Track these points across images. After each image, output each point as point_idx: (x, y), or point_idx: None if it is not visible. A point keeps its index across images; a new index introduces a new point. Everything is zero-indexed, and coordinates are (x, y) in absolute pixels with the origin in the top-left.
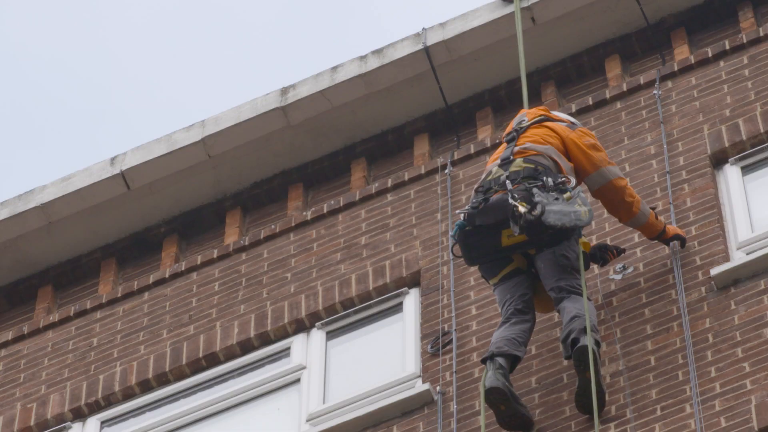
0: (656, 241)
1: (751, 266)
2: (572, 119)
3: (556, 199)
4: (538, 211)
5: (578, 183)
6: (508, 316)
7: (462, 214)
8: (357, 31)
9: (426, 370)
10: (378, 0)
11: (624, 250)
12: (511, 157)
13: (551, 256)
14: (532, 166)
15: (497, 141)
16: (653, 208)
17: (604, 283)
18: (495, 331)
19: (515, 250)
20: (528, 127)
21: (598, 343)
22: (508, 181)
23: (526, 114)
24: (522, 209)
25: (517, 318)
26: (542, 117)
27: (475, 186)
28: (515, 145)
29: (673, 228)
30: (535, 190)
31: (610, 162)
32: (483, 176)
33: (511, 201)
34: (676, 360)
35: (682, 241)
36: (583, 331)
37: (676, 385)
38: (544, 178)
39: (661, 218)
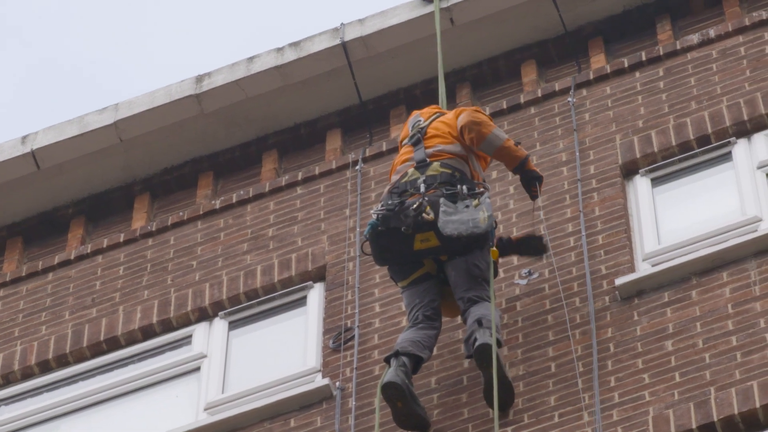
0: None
1: (656, 278)
2: None
3: (467, 206)
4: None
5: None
6: (416, 322)
7: (376, 215)
8: (275, 23)
9: (326, 365)
10: None
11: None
12: (428, 160)
13: (463, 265)
14: (449, 171)
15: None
16: (518, 143)
17: (509, 287)
18: (406, 329)
19: (427, 255)
20: (428, 126)
21: (500, 343)
22: (422, 185)
23: (420, 114)
24: (425, 216)
25: (424, 324)
26: (437, 113)
27: (389, 187)
28: (425, 147)
29: (533, 164)
30: (442, 200)
31: (475, 109)
32: (397, 178)
33: (414, 208)
34: (577, 368)
35: (537, 179)
36: (480, 323)
37: (575, 393)
38: (459, 185)
39: (522, 148)
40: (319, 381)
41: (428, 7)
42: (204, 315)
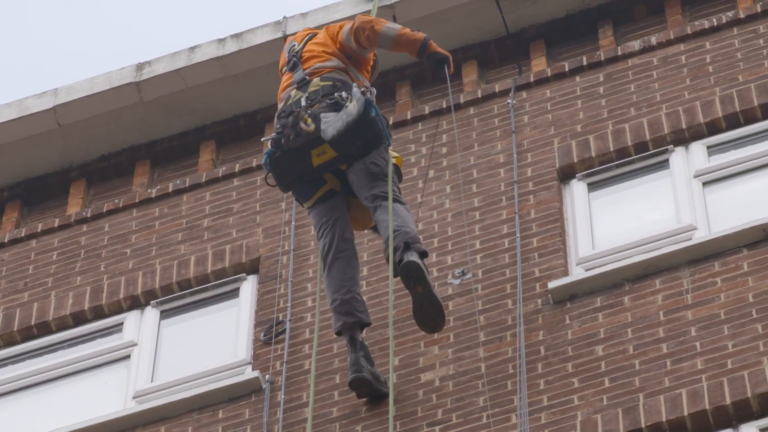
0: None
1: (589, 282)
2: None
3: (345, 107)
4: (310, 129)
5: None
6: (338, 251)
7: (269, 142)
8: (217, 13)
9: (257, 357)
10: None
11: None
12: (307, 78)
13: (362, 167)
14: (330, 83)
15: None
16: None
17: (442, 287)
18: (328, 272)
19: (327, 168)
20: (302, 48)
21: (424, 253)
22: (303, 101)
23: (294, 39)
24: (304, 126)
25: (346, 250)
26: (310, 34)
27: (277, 112)
28: (303, 69)
29: (436, 45)
30: (322, 114)
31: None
32: (281, 104)
33: (302, 125)
34: (507, 369)
35: (444, 60)
36: (408, 246)
37: (504, 395)
38: (337, 93)
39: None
40: (249, 373)
41: (371, 3)
42: (136, 303)
